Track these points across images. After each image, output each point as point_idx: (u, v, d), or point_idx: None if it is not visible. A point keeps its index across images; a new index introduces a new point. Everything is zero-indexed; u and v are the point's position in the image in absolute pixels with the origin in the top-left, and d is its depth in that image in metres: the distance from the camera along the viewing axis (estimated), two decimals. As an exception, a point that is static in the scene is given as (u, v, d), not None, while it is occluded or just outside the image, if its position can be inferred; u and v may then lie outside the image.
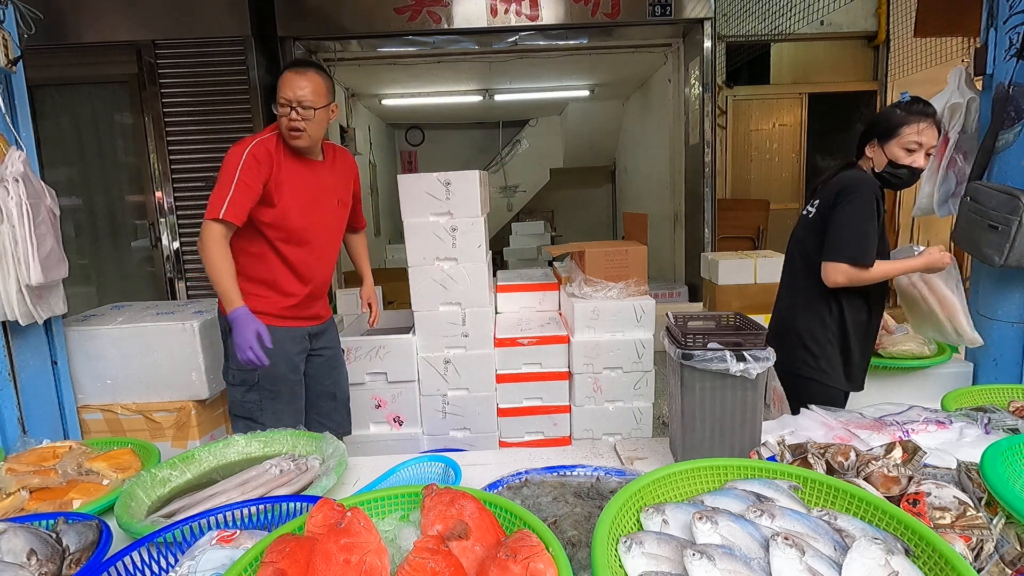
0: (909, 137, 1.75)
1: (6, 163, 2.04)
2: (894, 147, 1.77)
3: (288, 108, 1.91)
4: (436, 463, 1.42)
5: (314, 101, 1.92)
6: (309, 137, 1.96)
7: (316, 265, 2.10)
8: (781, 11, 4.96)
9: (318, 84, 1.94)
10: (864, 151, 1.86)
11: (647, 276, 2.69)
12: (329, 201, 2.11)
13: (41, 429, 2.26)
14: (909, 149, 1.76)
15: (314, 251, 2.08)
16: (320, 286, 2.15)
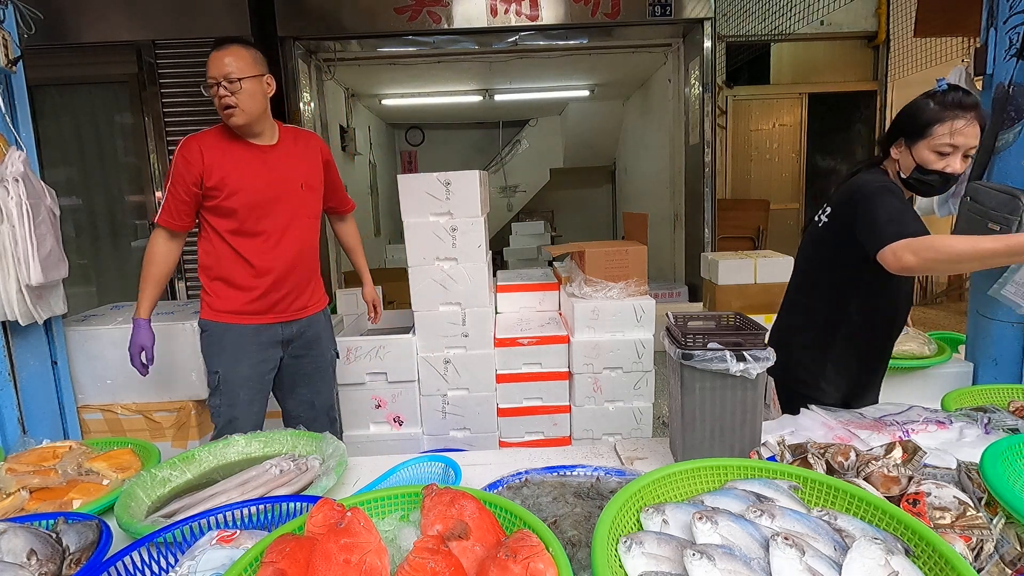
0: (941, 139, 1.46)
1: (6, 163, 2.04)
2: (923, 149, 1.49)
3: (215, 86, 1.87)
4: (436, 463, 1.42)
5: (240, 72, 1.86)
6: (244, 113, 1.89)
7: (274, 255, 1.98)
8: (781, 11, 4.96)
9: (242, 55, 1.88)
10: (889, 151, 1.59)
11: (647, 276, 2.69)
12: (287, 186, 1.99)
13: (41, 429, 2.26)
14: (941, 152, 1.47)
15: (270, 240, 1.98)
16: (284, 278, 2.01)
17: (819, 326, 1.70)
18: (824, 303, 1.68)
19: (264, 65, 1.97)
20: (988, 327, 2.11)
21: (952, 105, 1.45)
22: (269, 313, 2.02)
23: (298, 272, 2.05)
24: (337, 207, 2.32)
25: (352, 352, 2.53)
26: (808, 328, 1.73)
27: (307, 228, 2.08)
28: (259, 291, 1.98)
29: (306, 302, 2.11)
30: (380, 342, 2.54)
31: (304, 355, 2.13)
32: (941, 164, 1.48)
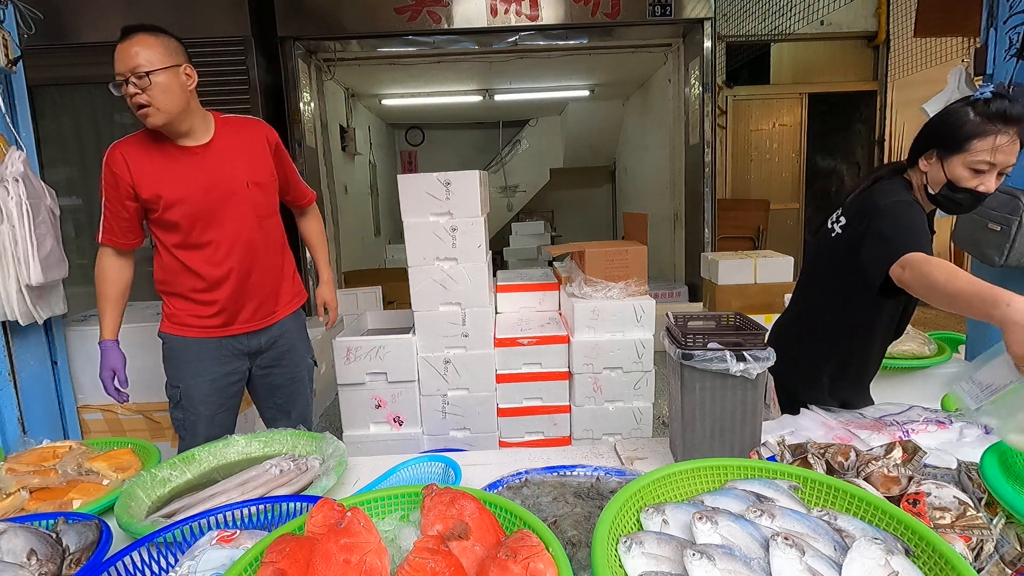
0: (979, 155, 1.30)
1: (6, 163, 2.05)
2: (957, 165, 1.34)
3: (124, 83, 1.64)
4: (436, 463, 1.42)
5: (150, 64, 1.63)
6: (161, 112, 1.65)
7: (227, 265, 1.81)
8: (781, 11, 4.96)
9: (151, 44, 1.67)
10: (918, 161, 1.43)
11: (647, 276, 2.69)
12: (231, 188, 1.79)
13: (41, 429, 2.26)
14: (977, 169, 1.32)
15: (220, 249, 1.79)
16: (242, 288, 1.85)
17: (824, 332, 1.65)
18: (831, 310, 1.62)
19: (181, 54, 1.75)
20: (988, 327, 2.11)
21: (996, 117, 1.29)
22: (231, 325, 1.87)
23: (258, 279, 1.87)
24: (295, 200, 2.10)
25: (352, 352, 2.53)
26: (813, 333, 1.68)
27: (262, 230, 1.87)
28: (217, 305, 1.83)
29: (273, 307, 1.94)
30: (380, 342, 2.54)
31: (275, 366, 1.99)
32: (975, 182, 1.33)
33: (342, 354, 2.51)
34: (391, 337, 2.56)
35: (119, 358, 1.86)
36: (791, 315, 1.78)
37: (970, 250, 2.07)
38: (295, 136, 4.92)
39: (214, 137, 1.81)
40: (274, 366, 1.99)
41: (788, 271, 4.26)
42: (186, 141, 1.77)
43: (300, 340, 2.07)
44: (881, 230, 1.34)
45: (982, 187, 1.33)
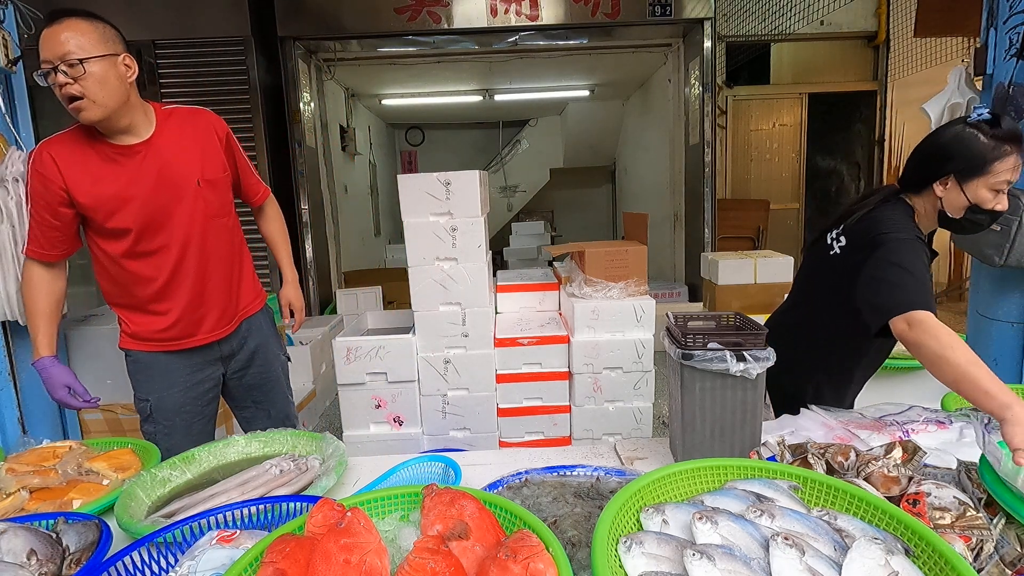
0: (1001, 176, 1.33)
1: (6, 163, 2.05)
2: (980, 187, 1.34)
3: (51, 71, 1.46)
4: (436, 463, 1.42)
5: (83, 51, 1.45)
6: (97, 106, 1.52)
7: (182, 272, 1.68)
8: (781, 11, 4.96)
9: (85, 30, 1.48)
10: (932, 187, 1.41)
11: (647, 276, 2.69)
12: (179, 186, 1.63)
13: (41, 429, 2.26)
14: (998, 190, 1.34)
15: (170, 256, 1.65)
16: (199, 295, 1.71)
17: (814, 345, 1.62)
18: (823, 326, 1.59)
19: (119, 42, 1.58)
20: (988, 327, 2.12)
21: (1009, 139, 1.32)
22: (194, 336, 1.74)
23: (216, 283, 1.74)
24: (248, 196, 1.91)
25: (352, 352, 2.53)
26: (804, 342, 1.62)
27: (217, 230, 1.73)
28: (173, 316, 1.69)
29: (235, 310, 1.82)
30: (380, 342, 2.54)
31: (248, 367, 1.89)
32: (994, 202, 1.36)
33: (342, 354, 2.51)
34: (391, 337, 2.56)
35: (65, 372, 1.68)
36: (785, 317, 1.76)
37: (970, 250, 2.07)
38: (295, 136, 4.92)
39: (155, 132, 1.62)
40: (247, 367, 1.88)
41: (788, 271, 4.26)
42: (125, 139, 1.59)
43: (271, 337, 1.94)
44: (886, 274, 1.31)
45: (999, 206, 1.36)
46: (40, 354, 1.65)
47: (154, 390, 1.76)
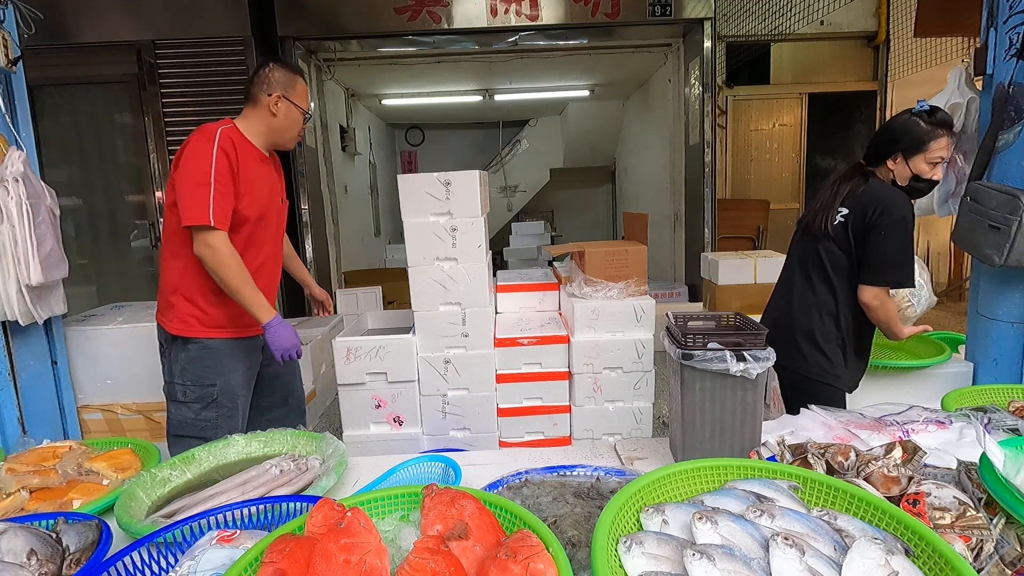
0: (936, 152, 1.76)
1: (6, 163, 2.05)
2: (920, 161, 1.77)
3: (305, 118, 1.98)
4: (436, 463, 1.42)
5: None
6: None
7: (267, 266, 2.00)
8: (781, 11, 4.96)
9: None
10: (885, 163, 1.83)
11: (647, 276, 2.69)
12: (277, 197, 2.04)
13: (41, 429, 2.26)
14: (933, 163, 1.77)
15: (263, 251, 1.97)
16: (272, 290, 2.04)
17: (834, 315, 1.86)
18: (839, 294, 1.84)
19: None
20: (988, 327, 2.11)
21: (941, 124, 1.75)
22: (254, 325, 1.94)
23: (273, 280, 2.08)
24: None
25: (352, 352, 2.53)
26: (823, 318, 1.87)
27: (281, 240, 2.14)
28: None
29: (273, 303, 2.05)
30: (380, 342, 2.53)
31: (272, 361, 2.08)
32: (932, 173, 1.78)
33: (342, 354, 2.51)
34: (391, 337, 2.56)
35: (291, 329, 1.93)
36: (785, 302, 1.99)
37: (970, 250, 2.07)
38: (295, 136, 4.92)
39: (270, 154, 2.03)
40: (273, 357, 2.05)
41: (788, 271, 4.25)
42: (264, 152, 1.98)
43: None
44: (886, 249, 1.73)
45: (937, 176, 1.79)
46: (272, 313, 1.89)
47: (221, 374, 1.93)
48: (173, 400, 1.94)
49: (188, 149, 1.79)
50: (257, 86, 1.91)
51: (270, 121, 1.93)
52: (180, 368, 1.92)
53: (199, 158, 1.76)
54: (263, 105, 1.91)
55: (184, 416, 1.93)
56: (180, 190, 1.77)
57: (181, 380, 1.92)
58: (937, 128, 1.75)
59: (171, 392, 1.95)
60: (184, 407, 1.93)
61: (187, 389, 1.92)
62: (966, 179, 2.11)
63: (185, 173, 1.77)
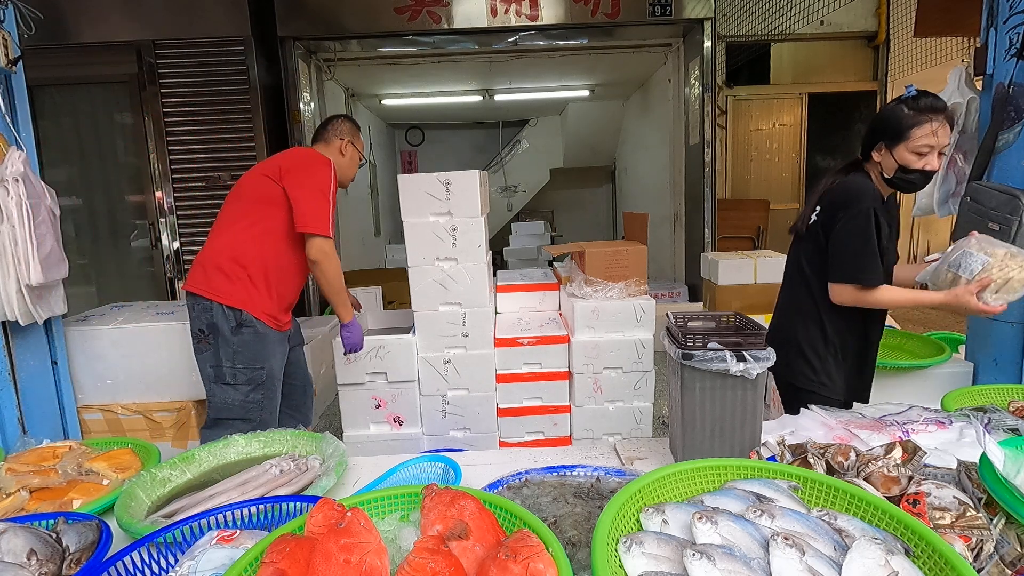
0: (920, 140, 1.58)
1: (6, 163, 2.04)
2: (903, 151, 1.61)
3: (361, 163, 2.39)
4: (436, 463, 1.42)
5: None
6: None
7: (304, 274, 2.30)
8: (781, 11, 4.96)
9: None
10: (871, 155, 1.69)
11: (647, 276, 2.69)
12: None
13: (41, 429, 2.26)
14: (920, 152, 1.59)
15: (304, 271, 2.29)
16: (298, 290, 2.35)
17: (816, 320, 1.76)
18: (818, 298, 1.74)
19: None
20: (988, 327, 2.12)
21: (927, 109, 1.58)
22: (288, 322, 2.24)
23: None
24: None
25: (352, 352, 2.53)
26: (806, 323, 1.78)
27: None
28: (291, 301, 2.25)
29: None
30: (380, 342, 2.53)
31: (295, 349, 2.40)
32: (921, 163, 1.60)
33: (341, 355, 2.51)
34: (391, 337, 2.56)
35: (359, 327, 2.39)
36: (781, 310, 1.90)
37: (970, 250, 2.06)
38: (295, 136, 4.92)
39: None
40: (296, 345, 2.39)
41: (788, 271, 4.25)
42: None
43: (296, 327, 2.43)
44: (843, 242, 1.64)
45: (928, 166, 1.60)
46: (352, 315, 2.34)
47: (268, 358, 2.11)
48: (220, 383, 2.07)
49: (310, 167, 2.11)
50: (331, 131, 2.31)
51: (338, 160, 2.28)
52: (233, 351, 2.05)
53: (322, 176, 2.10)
54: (334, 147, 2.30)
55: (232, 399, 2.07)
56: (302, 198, 2.06)
57: (232, 363, 2.05)
58: (921, 114, 1.58)
59: (218, 375, 2.06)
60: (232, 389, 2.06)
61: (237, 372, 2.06)
62: (966, 179, 2.11)
63: (306, 185, 2.07)
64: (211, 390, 2.08)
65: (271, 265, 2.10)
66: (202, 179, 4.58)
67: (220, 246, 2.10)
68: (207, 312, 2.05)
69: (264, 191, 2.11)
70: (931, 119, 1.57)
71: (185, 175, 4.59)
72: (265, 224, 2.09)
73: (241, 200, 2.15)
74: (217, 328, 2.05)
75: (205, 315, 2.05)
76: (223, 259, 2.07)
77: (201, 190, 4.59)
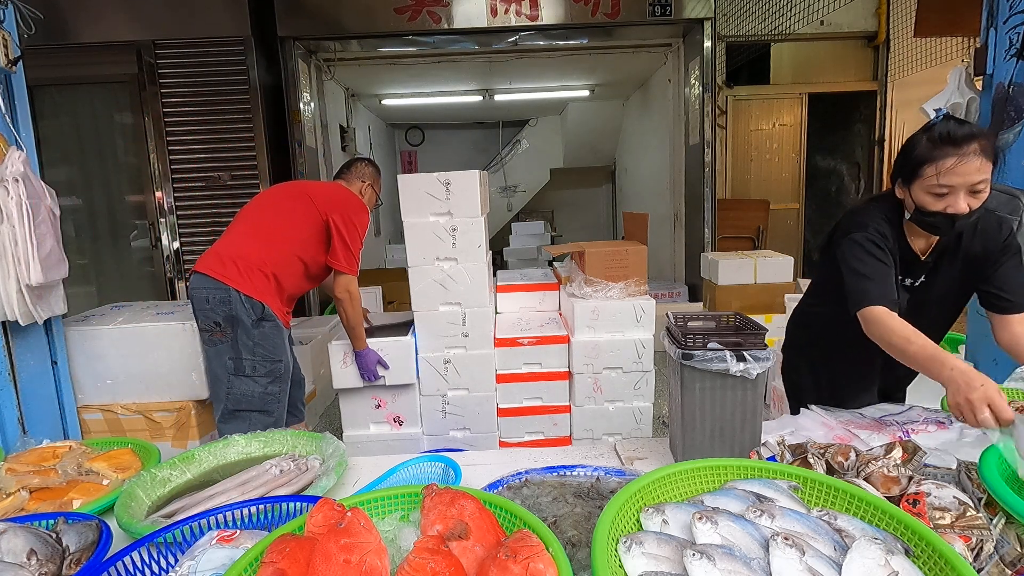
0: (930, 180, 1.31)
1: (6, 163, 2.04)
2: (918, 191, 1.35)
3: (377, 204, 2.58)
4: (436, 463, 1.42)
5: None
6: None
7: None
8: (781, 11, 4.96)
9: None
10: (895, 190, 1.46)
11: (647, 276, 2.69)
12: None
13: (41, 429, 2.26)
14: (936, 193, 1.32)
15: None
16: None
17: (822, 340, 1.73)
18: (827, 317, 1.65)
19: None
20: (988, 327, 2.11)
21: (941, 141, 1.30)
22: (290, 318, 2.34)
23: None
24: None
25: (348, 356, 2.53)
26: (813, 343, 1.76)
27: None
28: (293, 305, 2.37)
29: None
30: (380, 343, 2.53)
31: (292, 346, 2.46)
32: (940, 205, 1.32)
33: (342, 356, 2.51)
34: (391, 338, 2.56)
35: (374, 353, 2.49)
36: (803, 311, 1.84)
37: (970, 250, 2.05)
38: (295, 136, 4.92)
39: None
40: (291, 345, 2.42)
41: (788, 271, 4.25)
42: None
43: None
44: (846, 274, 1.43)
45: (950, 208, 1.31)
46: (366, 345, 2.47)
47: (284, 352, 2.21)
48: (240, 375, 2.12)
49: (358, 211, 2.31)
50: (354, 172, 2.50)
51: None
52: (254, 343, 2.12)
53: (363, 220, 2.31)
54: (355, 188, 2.46)
55: (251, 391, 2.14)
56: (350, 243, 2.27)
57: (252, 355, 2.12)
58: (936, 148, 1.30)
59: (238, 367, 2.12)
60: (251, 381, 2.13)
61: (257, 364, 2.13)
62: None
63: (351, 224, 2.27)
64: (230, 383, 2.13)
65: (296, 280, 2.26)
66: (202, 179, 4.58)
67: (236, 243, 2.19)
68: (225, 304, 2.08)
69: (304, 212, 2.25)
70: (949, 154, 1.29)
71: (185, 175, 4.59)
72: (294, 244, 2.22)
73: (278, 213, 2.27)
74: (237, 320, 2.10)
75: (223, 307, 2.08)
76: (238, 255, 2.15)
77: (201, 190, 4.58)
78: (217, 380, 2.18)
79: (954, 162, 1.28)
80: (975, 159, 1.27)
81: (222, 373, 2.14)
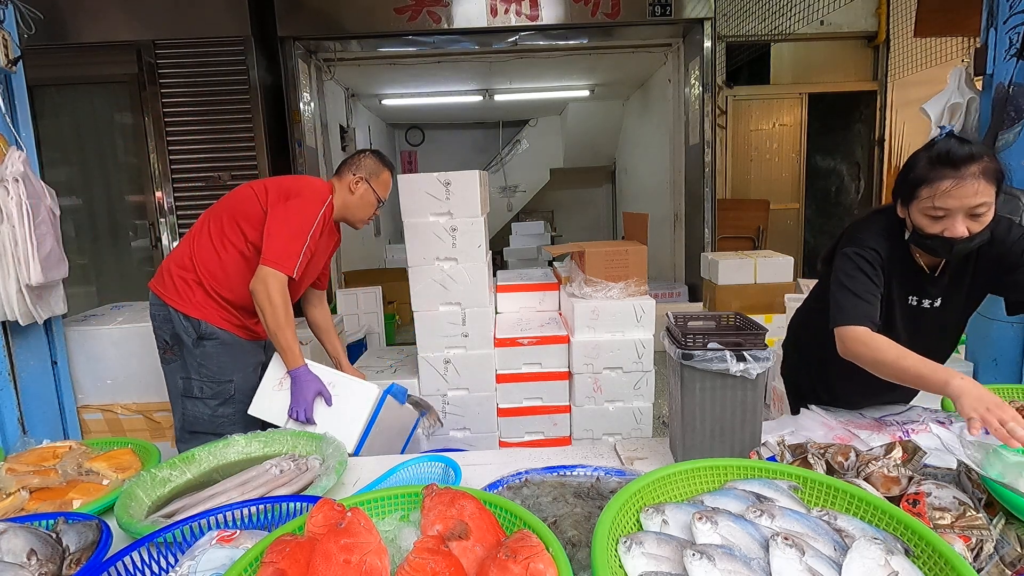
0: (926, 202, 1.26)
1: (6, 163, 2.05)
2: (915, 212, 1.30)
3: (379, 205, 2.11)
4: (436, 463, 1.42)
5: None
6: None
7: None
8: (781, 11, 4.96)
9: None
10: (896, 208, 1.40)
11: (647, 276, 2.69)
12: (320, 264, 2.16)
13: (41, 429, 2.26)
14: (932, 216, 1.26)
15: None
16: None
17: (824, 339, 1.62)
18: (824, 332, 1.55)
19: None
20: (988, 327, 2.12)
21: (938, 161, 1.24)
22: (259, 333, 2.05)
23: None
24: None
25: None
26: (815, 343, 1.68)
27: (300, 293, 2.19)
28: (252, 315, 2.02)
29: None
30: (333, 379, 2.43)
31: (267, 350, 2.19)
32: (938, 228, 1.27)
33: (276, 377, 2.18)
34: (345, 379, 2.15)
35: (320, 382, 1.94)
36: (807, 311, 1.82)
37: (970, 250, 2.05)
38: (295, 136, 4.92)
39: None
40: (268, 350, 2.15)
41: (788, 271, 4.26)
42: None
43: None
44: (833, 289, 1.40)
45: (947, 232, 1.25)
46: (299, 362, 1.91)
47: (236, 370, 1.96)
48: (189, 397, 1.95)
49: (302, 200, 1.89)
50: (347, 165, 2.07)
51: (346, 198, 2.04)
52: (197, 364, 1.94)
53: (308, 213, 1.88)
54: (345, 182, 2.04)
55: (201, 413, 1.96)
56: (277, 231, 1.85)
57: (199, 376, 1.94)
58: (933, 168, 1.25)
59: (187, 388, 1.96)
60: (201, 403, 1.95)
61: (204, 385, 1.94)
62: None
63: (290, 220, 1.86)
64: (182, 404, 1.98)
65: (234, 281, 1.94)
66: (202, 179, 4.58)
67: (180, 254, 1.97)
68: (168, 323, 1.94)
69: (246, 208, 1.94)
70: (946, 175, 1.23)
71: (185, 175, 4.59)
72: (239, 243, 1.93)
73: (220, 211, 1.99)
74: (180, 339, 1.94)
75: (167, 325, 1.94)
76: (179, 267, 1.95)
77: (201, 190, 4.58)
78: (174, 399, 2.02)
79: (950, 184, 1.22)
80: (973, 182, 1.21)
81: (176, 393, 2.00)
